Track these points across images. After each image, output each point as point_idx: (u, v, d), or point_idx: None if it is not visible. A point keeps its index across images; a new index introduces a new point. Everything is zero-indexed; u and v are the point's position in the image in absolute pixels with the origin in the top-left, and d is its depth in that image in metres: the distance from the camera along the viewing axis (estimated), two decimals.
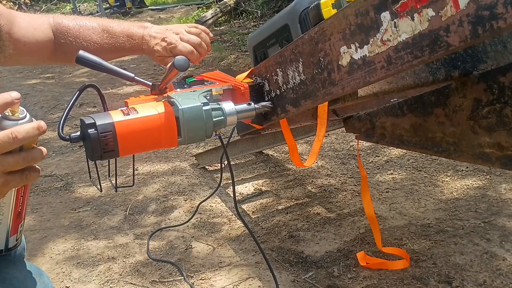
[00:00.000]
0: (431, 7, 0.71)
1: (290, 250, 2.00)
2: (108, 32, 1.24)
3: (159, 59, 1.24)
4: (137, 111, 0.94)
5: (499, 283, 1.67)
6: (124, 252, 2.12)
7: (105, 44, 1.24)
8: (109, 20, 1.31)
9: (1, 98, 0.69)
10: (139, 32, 1.24)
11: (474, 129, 1.11)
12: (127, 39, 1.24)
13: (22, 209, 0.86)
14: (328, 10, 1.19)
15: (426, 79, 1.20)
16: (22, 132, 0.68)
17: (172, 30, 1.23)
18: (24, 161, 0.70)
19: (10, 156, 0.68)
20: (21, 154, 0.70)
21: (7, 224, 0.85)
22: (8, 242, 0.87)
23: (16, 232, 0.88)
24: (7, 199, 0.82)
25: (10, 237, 0.87)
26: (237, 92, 1.17)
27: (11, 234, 0.87)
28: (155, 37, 1.23)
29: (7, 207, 0.83)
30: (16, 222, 0.87)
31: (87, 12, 11.03)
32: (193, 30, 1.24)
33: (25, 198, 0.86)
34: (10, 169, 0.69)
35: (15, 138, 0.67)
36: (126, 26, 1.26)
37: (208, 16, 7.40)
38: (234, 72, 4.64)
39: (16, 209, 0.85)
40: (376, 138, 1.49)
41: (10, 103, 0.70)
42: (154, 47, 1.22)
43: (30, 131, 0.69)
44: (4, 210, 0.83)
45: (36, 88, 5.44)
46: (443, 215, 2.12)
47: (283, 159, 2.93)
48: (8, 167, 0.68)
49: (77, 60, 1.02)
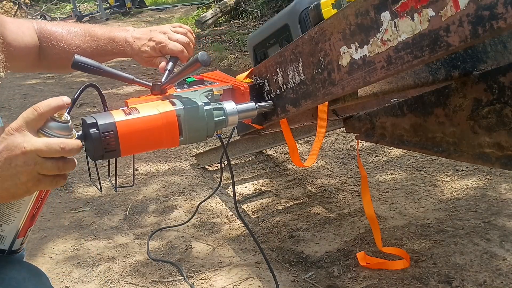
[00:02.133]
0: (431, 7, 0.71)
1: (290, 250, 2.00)
2: (90, 35, 1.23)
3: (146, 60, 1.22)
4: (139, 111, 0.94)
5: (499, 283, 1.67)
6: (124, 252, 2.12)
7: (87, 48, 1.23)
8: (92, 24, 1.30)
9: (54, 101, 0.75)
10: (121, 34, 1.23)
11: (474, 129, 1.11)
12: (108, 41, 1.23)
13: (36, 213, 0.86)
14: (328, 10, 1.19)
15: (426, 79, 1.20)
16: (69, 146, 0.74)
17: (157, 30, 1.22)
18: (59, 169, 0.74)
19: (50, 161, 0.73)
20: (59, 161, 0.74)
21: (19, 224, 0.84)
22: (14, 243, 0.86)
23: (23, 236, 0.87)
24: (27, 198, 0.81)
25: (17, 238, 0.85)
26: (237, 92, 1.17)
27: (19, 236, 0.86)
28: (140, 38, 1.22)
29: (25, 207, 0.82)
30: (28, 224, 0.85)
31: (87, 12, 11.03)
32: (179, 30, 1.23)
33: (42, 203, 0.86)
34: (45, 172, 0.73)
35: (62, 149, 0.73)
36: (108, 30, 1.25)
37: (208, 16, 7.40)
38: (234, 72, 4.64)
39: (32, 211, 0.84)
40: (376, 138, 1.49)
41: (61, 107, 0.75)
42: (141, 48, 1.20)
43: (75, 148, 0.75)
44: (21, 209, 0.82)
45: (36, 88, 5.44)
46: (443, 215, 2.12)
47: (283, 159, 2.93)
48: (45, 170, 0.73)
49: (73, 65, 1.00)
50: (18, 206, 0.81)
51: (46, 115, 0.74)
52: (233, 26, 7.18)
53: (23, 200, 0.81)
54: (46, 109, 0.74)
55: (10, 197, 0.76)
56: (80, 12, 10.66)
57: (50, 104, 0.74)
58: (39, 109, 0.73)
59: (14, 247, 0.86)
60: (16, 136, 0.72)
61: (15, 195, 0.75)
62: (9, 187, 0.73)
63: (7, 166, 0.71)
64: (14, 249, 0.87)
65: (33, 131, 0.74)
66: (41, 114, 0.74)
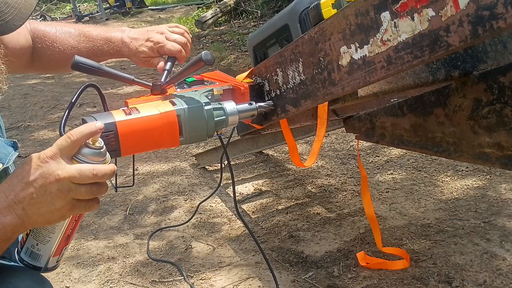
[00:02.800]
0: (431, 7, 0.71)
1: (290, 250, 2.00)
2: (85, 36, 1.22)
3: (144, 61, 1.22)
4: (139, 111, 0.94)
5: (499, 283, 1.67)
6: (124, 252, 2.12)
7: (82, 48, 1.22)
8: (86, 25, 1.29)
9: (87, 127, 0.77)
10: (117, 35, 1.22)
11: (474, 129, 1.12)
12: (104, 42, 1.22)
13: (71, 234, 0.87)
14: (328, 10, 1.19)
15: (426, 79, 1.20)
16: (102, 172, 0.76)
17: (154, 30, 1.22)
18: (93, 193, 0.77)
19: (83, 187, 0.75)
20: (93, 186, 0.76)
21: (54, 244, 0.85)
22: (49, 262, 0.86)
23: (59, 254, 0.87)
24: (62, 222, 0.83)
25: (52, 257, 0.86)
26: (237, 92, 1.17)
27: (54, 255, 0.86)
28: (137, 38, 1.21)
29: (59, 228, 0.83)
30: (62, 244, 0.86)
31: (87, 12, 11.03)
32: (176, 30, 1.23)
33: (77, 224, 0.87)
34: (79, 197, 0.76)
35: (95, 175, 0.75)
36: (104, 30, 1.24)
37: (208, 16, 7.40)
38: (234, 72, 4.64)
39: (66, 232, 0.85)
40: (376, 138, 1.49)
41: (94, 133, 0.78)
42: (138, 48, 1.20)
43: (107, 173, 0.77)
44: (56, 230, 0.83)
45: (36, 88, 5.44)
46: (443, 215, 2.12)
47: (283, 159, 2.93)
48: (79, 195, 0.75)
49: (73, 66, 0.99)
50: (53, 227, 0.83)
51: (79, 142, 0.77)
52: (233, 26, 7.18)
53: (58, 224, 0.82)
54: (79, 137, 0.76)
55: (46, 222, 0.77)
56: (80, 12, 10.66)
57: (83, 132, 0.76)
58: (72, 136, 0.76)
59: (49, 265, 0.87)
60: (50, 163, 0.74)
61: (50, 220, 0.77)
62: (44, 213, 0.75)
63: (42, 193, 0.74)
64: (49, 267, 0.87)
65: (67, 159, 0.76)
66: (75, 142, 0.76)
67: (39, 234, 0.83)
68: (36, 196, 0.74)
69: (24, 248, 0.86)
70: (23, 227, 0.76)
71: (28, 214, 0.75)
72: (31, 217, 0.75)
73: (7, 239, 0.76)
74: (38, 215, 0.75)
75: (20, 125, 4.11)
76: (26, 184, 0.74)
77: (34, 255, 0.85)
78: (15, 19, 0.74)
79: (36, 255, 0.84)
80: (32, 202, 0.74)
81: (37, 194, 0.74)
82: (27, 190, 0.74)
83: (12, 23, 0.75)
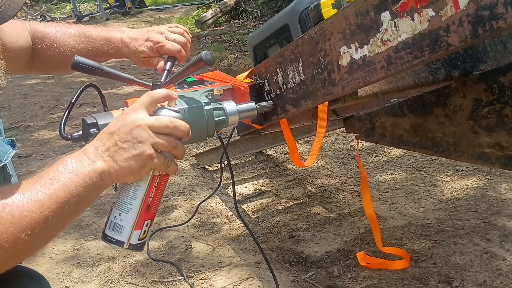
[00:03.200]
0: (431, 7, 0.71)
1: (290, 250, 2.00)
2: (85, 36, 1.23)
3: (143, 60, 1.22)
4: None
5: (499, 283, 1.67)
6: (124, 252, 2.12)
7: (82, 49, 1.22)
8: (86, 26, 1.29)
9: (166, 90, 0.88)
10: (116, 35, 1.22)
11: (474, 129, 1.12)
12: (104, 42, 1.22)
13: (152, 205, 0.88)
14: (328, 10, 1.19)
15: (426, 79, 1.20)
16: (177, 123, 0.85)
17: (154, 30, 1.22)
18: (170, 144, 0.84)
19: (161, 136, 0.83)
20: (170, 138, 0.84)
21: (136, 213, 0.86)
22: (131, 236, 0.86)
23: (140, 228, 0.87)
24: (142, 184, 0.86)
25: (134, 230, 0.86)
26: (237, 92, 1.17)
27: (136, 227, 0.86)
28: (137, 38, 1.21)
29: (140, 193, 0.86)
30: (144, 216, 0.87)
31: (87, 12, 11.03)
32: (176, 30, 1.23)
33: (157, 195, 0.88)
34: (158, 147, 0.83)
35: (171, 123, 0.84)
36: (103, 30, 1.24)
37: (208, 16, 7.40)
38: (234, 72, 4.64)
39: (146, 200, 0.86)
40: (376, 138, 1.49)
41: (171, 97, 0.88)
42: (138, 48, 1.20)
43: (182, 127, 0.85)
44: (137, 195, 0.86)
45: (36, 88, 5.44)
46: (443, 215, 2.12)
47: (283, 159, 2.93)
48: (157, 144, 0.82)
49: (73, 66, 0.99)
50: (134, 192, 0.86)
51: (158, 100, 0.86)
52: (233, 26, 7.19)
53: (138, 186, 0.86)
54: (159, 96, 0.86)
55: (129, 171, 0.82)
56: (80, 12, 10.66)
57: (163, 92, 0.87)
58: (153, 94, 0.86)
59: (132, 241, 0.87)
60: (131, 114, 0.83)
61: (133, 169, 0.82)
62: (127, 158, 0.81)
63: (124, 139, 0.81)
64: (133, 243, 0.87)
65: (147, 112, 0.84)
66: (153, 97, 0.85)
67: (121, 202, 0.87)
68: (119, 143, 0.81)
69: (108, 223, 0.88)
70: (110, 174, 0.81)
71: (114, 159, 0.81)
72: (116, 162, 0.81)
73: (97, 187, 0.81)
74: (122, 160, 0.81)
75: (20, 125, 4.11)
76: (111, 134, 0.82)
77: (117, 227, 0.87)
78: (8, 9, 0.75)
79: (119, 226, 0.86)
80: (116, 149, 0.81)
81: (120, 141, 0.81)
82: (112, 139, 0.82)
83: (5, 13, 0.75)
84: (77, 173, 0.78)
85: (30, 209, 0.75)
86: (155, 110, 0.86)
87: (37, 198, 0.75)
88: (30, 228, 0.74)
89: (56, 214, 0.77)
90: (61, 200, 0.77)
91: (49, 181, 0.77)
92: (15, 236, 0.73)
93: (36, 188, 0.76)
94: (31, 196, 0.75)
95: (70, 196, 0.77)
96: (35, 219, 0.75)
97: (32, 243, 0.76)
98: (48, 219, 0.76)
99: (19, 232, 0.74)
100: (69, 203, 0.77)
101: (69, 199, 0.77)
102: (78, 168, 0.79)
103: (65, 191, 0.77)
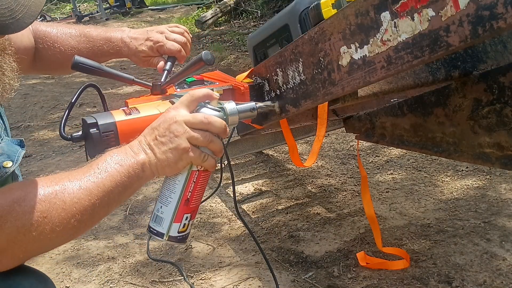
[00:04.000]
0: (431, 7, 0.71)
1: (290, 250, 2.00)
2: (86, 36, 1.24)
3: (144, 60, 1.22)
4: (139, 111, 0.95)
5: (499, 283, 1.67)
6: (124, 252, 2.12)
7: (83, 49, 1.23)
8: (87, 26, 1.30)
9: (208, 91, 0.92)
10: (117, 35, 1.23)
11: (474, 129, 1.12)
12: (104, 42, 1.23)
13: (191, 199, 0.91)
14: (328, 10, 1.19)
15: (426, 79, 1.20)
16: (213, 119, 0.89)
17: (154, 30, 1.23)
18: (206, 139, 0.88)
19: (197, 131, 0.87)
20: (206, 133, 0.88)
21: (175, 205, 0.90)
22: (171, 228, 0.91)
23: (179, 221, 0.91)
24: (181, 178, 0.90)
25: (174, 222, 0.91)
26: (237, 92, 1.17)
27: (175, 220, 0.91)
28: (137, 38, 1.22)
29: (179, 187, 0.90)
30: (183, 209, 0.91)
31: (87, 12, 11.02)
32: (176, 30, 1.24)
33: (196, 189, 0.91)
34: (193, 141, 0.87)
35: (206, 119, 0.88)
36: (103, 30, 1.25)
37: (208, 16, 7.40)
38: (234, 72, 4.64)
39: (185, 193, 0.90)
40: (376, 138, 1.49)
41: (212, 97, 0.92)
42: (138, 48, 1.20)
43: (218, 123, 0.90)
44: (176, 189, 0.90)
45: (36, 88, 5.44)
46: (443, 215, 2.12)
47: (283, 159, 2.93)
48: (193, 138, 0.87)
49: (73, 66, 1.00)
50: (173, 186, 0.90)
51: (199, 99, 0.91)
52: (233, 26, 7.18)
53: (177, 180, 0.90)
54: (199, 95, 0.91)
55: (166, 163, 0.87)
56: (80, 12, 10.66)
57: (204, 91, 0.92)
58: (193, 92, 0.91)
59: (172, 233, 0.91)
60: (171, 112, 0.89)
61: (170, 162, 0.87)
62: (166, 151, 0.86)
63: (163, 133, 0.87)
64: (172, 235, 0.92)
65: (186, 110, 0.89)
66: (194, 96, 0.90)
67: (163, 196, 0.91)
68: (159, 137, 0.87)
69: (152, 216, 0.93)
70: (151, 166, 0.87)
71: (154, 152, 0.86)
72: (155, 155, 0.86)
73: (139, 177, 0.87)
74: (160, 153, 0.86)
75: (20, 125, 4.11)
76: (153, 129, 0.88)
77: (158, 219, 0.92)
78: (25, 17, 0.75)
79: (160, 218, 0.91)
80: (156, 143, 0.87)
81: (160, 135, 0.87)
82: (153, 134, 0.88)
83: (23, 21, 0.76)
84: (122, 164, 0.84)
85: (80, 196, 0.81)
86: (197, 108, 0.90)
87: (86, 186, 0.81)
88: (79, 214, 0.80)
89: (102, 201, 0.83)
90: (107, 188, 0.83)
91: (98, 171, 0.83)
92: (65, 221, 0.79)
93: (86, 177, 0.82)
94: (81, 184, 0.81)
95: (115, 185, 0.83)
96: (84, 206, 0.81)
97: (79, 227, 0.82)
98: (95, 206, 0.82)
99: (69, 218, 0.79)
100: (113, 192, 0.83)
101: (114, 188, 0.83)
102: (123, 159, 0.85)
103: (111, 181, 0.83)
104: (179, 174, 0.89)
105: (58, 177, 0.82)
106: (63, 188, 0.80)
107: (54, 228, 0.78)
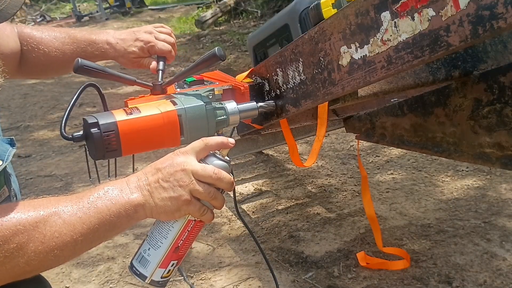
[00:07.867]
0: (431, 7, 0.71)
1: (290, 250, 2.00)
2: (70, 38, 1.22)
3: (133, 61, 1.21)
4: (140, 111, 0.94)
5: (499, 283, 1.67)
6: (124, 252, 2.12)
7: (67, 50, 1.21)
8: (73, 28, 1.30)
9: (221, 139, 0.87)
10: (101, 37, 1.21)
11: (474, 129, 1.11)
12: (88, 43, 1.21)
13: (181, 248, 0.86)
14: (328, 10, 1.19)
15: (426, 79, 1.20)
16: (222, 175, 0.83)
17: (141, 30, 1.22)
18: (209, 195, 0.82)
19: (203, 184, 0.82)
20: (211, 188, 0.82)
21: (164, 251, 0.85)
22: (154, 272, 0.86)
23: (165, 267, 0.86)
24: (176, 225, 0.85)
25: (158, 267, 0.86)
26: (237, 92, 1.17)
27: (161, 265, 0.86)
28: (125, 39, 1.20)
29: (172, 234, 0.85)
30: (171, 256, 0.86)
31: (87, 12, 11.02)
32: (163, 30, 1.23)
33: (188, 239, 0.86)
34: (196, 194, 0.82)
35: (215, 174, 0.82)
36: (88, 32, 1.23)
37: (208, 16, 7.40)
38: (234, 72, 4.64)
39: (177, 241, 0.85)
40: (376, 138, 1.49)
41: (226, 145, 0.87)
42: (127, 49, 1.19)
43: (226, 179, 0.84)
44: (169, 235, 0.85)
45: (36, 88, 5.44)
46: (443, 215, 2.12)
47: (283, 159, 2.93)
48: (197, 192, 0.81)
49: (77, 69, 0.99)
50: (167, 232, 0.85)
51: (211, 147, 0.85)
52: (233, 26, 7.18)
53: (172, 226, 0.85)
54: (212, 143, 0.85)
55: (163, 210, 0.82)
56: (80, 12, 10.66)
57: (217, 140, 0.86)
58: (207, 141, 0.85)
59: (155, 277, 0.86)
60: (180, 157, 0.83)
61: (167, 209, 0.82)
62: (164, 198, 0.81)
63: (167, 178, 0.81)
64: (155, 280, 0.87)
65: (196, 158, 0.84)
66: (207, 144, 0.85)
67: (153, 238, 0.86)
68: (162, 181, 0.81)
69: (137, 254, 0.89)
70: (145, 209, 0.82)
71: (152, 195, 0.81)
72: (153, 199, 0.81)
73: (130, 218, 0.81)
74: (159, 199, 0.81)
75: (20, 125, 4.11)
76: (156, 170, 0.83)
77: (143, 261, 0.87)
78: (8, 7, 0.75)
79: (145, 261, 0.87)
80: (156, 186, 0.81)
81: (163, 179, 0.81)
82: (156, 175, 0.82)
83: (6, 11, 0.75)
84: (115, 202, 0.79)
85: (61, 231, 0.75)
86: (205, 157, 0.85)
87: (70, 221, 0.76)
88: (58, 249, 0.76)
89: (86, 238, 0.78)
90: (93, 226, 0.78)
91: (87, 205, 0.78)
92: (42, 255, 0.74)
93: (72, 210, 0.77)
94: (65, 218, 0.76)
95: (102, 223, 0.78)
96: (64, 242, 0.76)
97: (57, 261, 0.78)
98: (77, 242, 0.77)
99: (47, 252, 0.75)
100: (99, 230, 0.78)
101: (100, 227, 0.78)
102: (116, 197, 0.80)
103: (98, 218, 0.78)
104: (175, 221, 0.85)
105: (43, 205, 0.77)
106: (44, 220, 0.75)
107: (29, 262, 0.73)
